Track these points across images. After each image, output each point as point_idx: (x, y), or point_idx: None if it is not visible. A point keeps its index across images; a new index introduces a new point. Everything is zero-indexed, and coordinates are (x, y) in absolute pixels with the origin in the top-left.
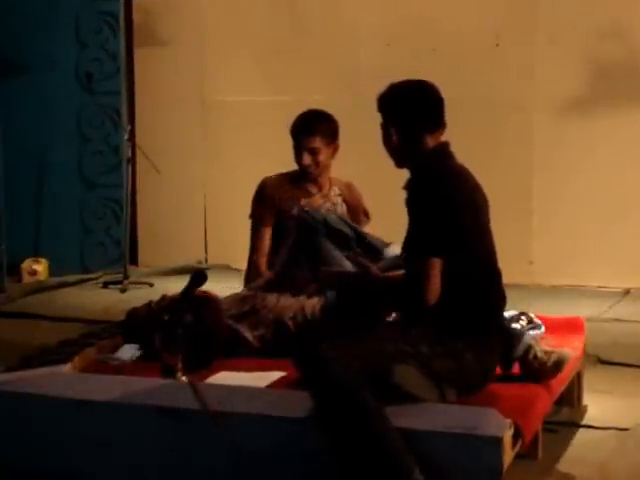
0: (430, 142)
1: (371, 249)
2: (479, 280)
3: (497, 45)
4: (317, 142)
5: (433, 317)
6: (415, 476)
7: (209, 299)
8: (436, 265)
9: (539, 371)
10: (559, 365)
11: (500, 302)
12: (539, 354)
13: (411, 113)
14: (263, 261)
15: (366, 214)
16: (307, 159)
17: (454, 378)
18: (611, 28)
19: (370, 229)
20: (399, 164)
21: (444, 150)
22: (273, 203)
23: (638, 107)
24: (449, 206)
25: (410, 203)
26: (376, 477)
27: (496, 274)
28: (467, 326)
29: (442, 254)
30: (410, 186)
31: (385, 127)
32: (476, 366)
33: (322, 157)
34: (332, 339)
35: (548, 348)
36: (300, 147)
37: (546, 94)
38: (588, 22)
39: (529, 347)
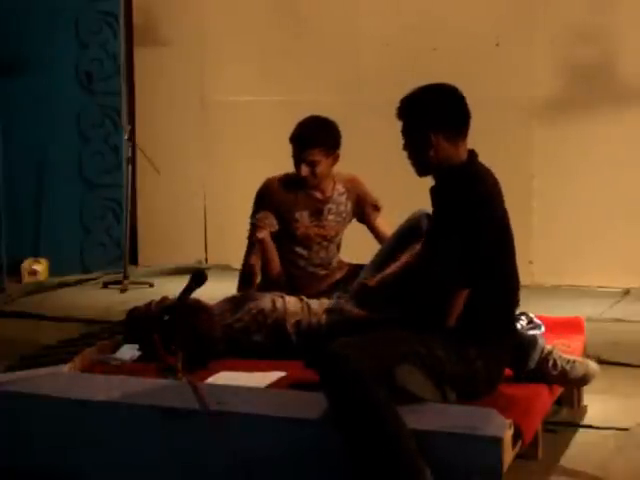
0: (463, 148)
1: None
2: (501, 298)
3: (497, 45)
4: (316, 155)
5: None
6: (427, 478)
7: (200, 308)
8: (463, 296)
9: (557, 378)
10: (586, 379)
11: (514, 315)
12: (559, 362)
13: (454, 115)
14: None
15: (375, 206)
16: (305, 171)
17: (460, 383)
18: (611, 28)
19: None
20: (425, 171)
21: (476, 158)
22: (274, 206)
23: (638, 107)
24: (485, 231)
25: (445, 212)
26: (389, 477)
27: (515, 288)
28: (482, 335)
29: (470, 285)
30: (443, 193)
31: (415, 133)
32: (484, 375)
33: (321, 168)
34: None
35: (569, 356)
36: (299, 158)
37: (546, 94)
38: (588, 22)
39: (548, 354)
